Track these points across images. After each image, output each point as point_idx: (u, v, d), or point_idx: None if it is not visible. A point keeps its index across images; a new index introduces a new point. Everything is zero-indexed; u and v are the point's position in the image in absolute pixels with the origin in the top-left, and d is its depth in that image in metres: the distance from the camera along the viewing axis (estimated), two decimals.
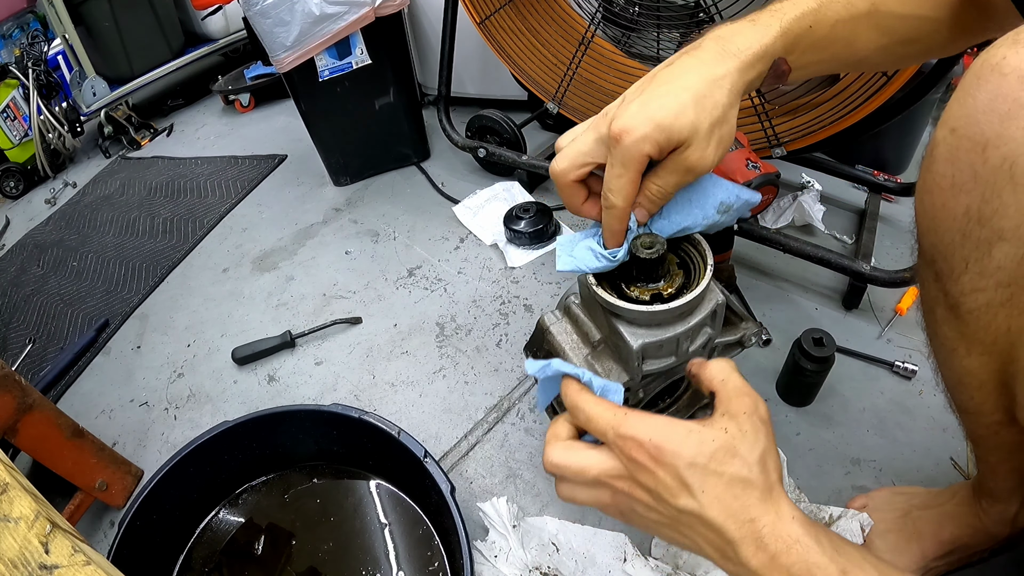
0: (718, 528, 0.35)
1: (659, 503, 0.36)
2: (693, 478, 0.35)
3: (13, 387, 0.68)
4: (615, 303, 0.46)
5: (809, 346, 0.72)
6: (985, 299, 0.38)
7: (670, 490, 0.35)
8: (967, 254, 0.37)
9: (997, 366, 0.41)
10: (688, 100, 0.40)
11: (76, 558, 0.35)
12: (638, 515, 0.39)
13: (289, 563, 0.70)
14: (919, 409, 0.76)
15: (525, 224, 1.09)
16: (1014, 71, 0.32)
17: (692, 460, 0.35)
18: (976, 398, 0.45)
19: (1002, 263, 0.35)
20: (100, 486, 0.77)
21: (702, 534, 0.36)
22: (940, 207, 0.38)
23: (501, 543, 0.67)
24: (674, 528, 0.37)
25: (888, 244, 1.01)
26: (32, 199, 1.85)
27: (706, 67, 0.41)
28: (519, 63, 1.13)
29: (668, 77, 0.41)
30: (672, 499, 0.36)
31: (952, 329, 0.43)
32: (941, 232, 0.39)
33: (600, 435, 0.39)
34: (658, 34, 0.93)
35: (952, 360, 0.44)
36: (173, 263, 1.30)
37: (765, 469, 0.36)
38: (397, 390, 0.91)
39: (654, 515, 0.38)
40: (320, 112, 1.31)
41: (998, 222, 0.34)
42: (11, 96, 1.82)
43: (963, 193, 0.35)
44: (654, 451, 0.35)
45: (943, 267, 0.40)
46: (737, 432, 0.36)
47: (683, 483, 0.35)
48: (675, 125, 0.39)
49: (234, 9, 1.99)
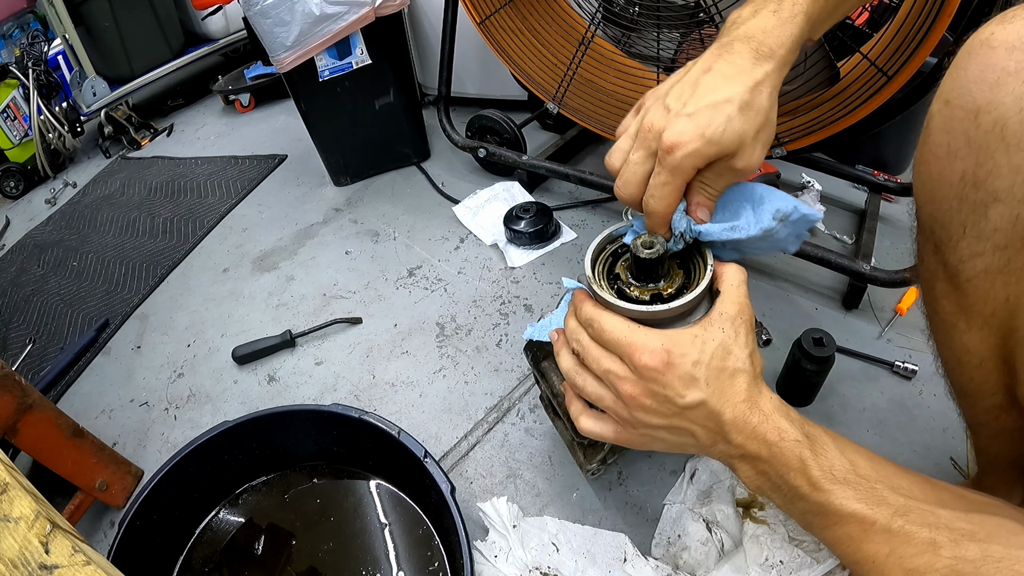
0: (717, 413, 0.41)
1: (663, 404, 0.42)
2: (699, 372, 0.41)
3: (13, 387, 0.68)
4: (616, 303, 0.46)
5: (809, 346, 0.72)
6: (983, 264, 0.39)
7: (676, 389, 0.41)
8: (964, 218, 0.38)
9: (996, 340, 0.42)
10: (735, 112, 0.40)
11: (76, 558, 0.35)
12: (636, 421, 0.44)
13: (289, 563, 0.70)
14: (919, 409, 0.76)
15: (525, 224, 1.09)
16: (1001, 44, 0.34)
17: (697, 359, 0.41)
18: (976, 378, 0.46)
19: (998, 224, 0.37)
20: (100, 486, 0.77)
21: (701, 423, 0.42)
22: (937, 175, 0.39)
23: (501, 543, 0.67)
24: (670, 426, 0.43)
25: (888, 244, 1.01)
26: (32, 199, 1.85)
27: (746, 73, 0.41)
28: (519, 63, 1.13)
29: (712, 85, 0.41)
30: (679, 398, 0.41)
31: (952, 303, 0.44)
32: (939, 200, 0.40)
33: (613, 344, 0.44)
34: (658, 34, 0.93)
35: (952, 337, 0.45)
36: (173, 263, 1.30)
37: (752, 362, 0.42)
38: (397, 390, 0.91)
39: (655, 418, 0.43)
40: (320, 112, 1.31)
41: (992, 183, 0.35)
42: (11, 96, 1.82)
43: (958, 159, 0.37)
44: (664, 355, 0.41)
45: (942, 235, 0.41)
46: (732, 332, 0.42)
47: (692, 378, 0.41)
48: (724, 139, 0.40)
49: (234, 9, 1.99)
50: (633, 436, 0.47)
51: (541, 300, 1.01)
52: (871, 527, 0.36)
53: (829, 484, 0.38)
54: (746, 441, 0.41)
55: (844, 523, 0.37)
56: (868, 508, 0.37)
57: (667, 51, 0.95)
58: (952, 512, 0.35)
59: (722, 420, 0.41)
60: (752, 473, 0.42)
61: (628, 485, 0.73)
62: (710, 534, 0.65)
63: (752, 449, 0.41)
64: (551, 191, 1.27)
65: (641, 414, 0.44)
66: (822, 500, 0.38)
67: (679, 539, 0.65)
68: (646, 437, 0.46)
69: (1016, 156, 0.34)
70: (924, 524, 0.35)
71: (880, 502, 0.37)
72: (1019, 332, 0.39)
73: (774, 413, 0.41)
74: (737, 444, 0.41)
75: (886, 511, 0.36)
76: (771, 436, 0.40)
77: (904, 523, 0.35)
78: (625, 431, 0.47)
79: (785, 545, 0.61)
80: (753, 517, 0.64)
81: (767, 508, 0.64)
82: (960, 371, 0.47)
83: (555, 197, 1.24)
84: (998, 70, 0.34)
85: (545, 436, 0.80)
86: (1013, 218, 0.36)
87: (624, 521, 0.69)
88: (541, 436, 0.80)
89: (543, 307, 1.00)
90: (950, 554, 0.33)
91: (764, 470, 0.41)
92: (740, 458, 0.42)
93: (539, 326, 0.55)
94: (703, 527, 0.65)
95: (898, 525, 0.35)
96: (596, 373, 0.46)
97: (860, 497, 0.37)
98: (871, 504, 0.37)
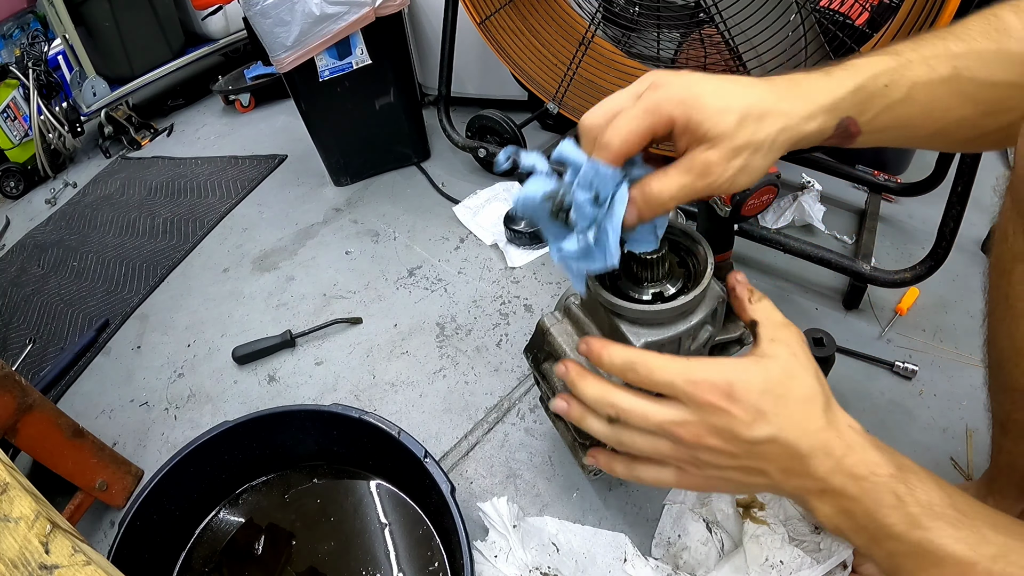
0: (792, 446, 0.37)
1: (730, 442, 0.38)
2: (767, 404, 0.37)
3: (13, 387, 0.68)
4: (617, 302, 0.46)
5: (809, 346, 0.72)
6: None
7: (745, 423, 0.37)
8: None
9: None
10: (739, 107, 0.37)
11: (76, 558, 0.35)
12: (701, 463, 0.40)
13: (289, 563, 0.70)
14: (919, 409, 0.76)
15: (525, 224, 1.09)
16: None
17: (763, 388, 0.37)
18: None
19: None
20: (100, 486, 0.77)
21: (774, 459, 0.38)
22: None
23: (501, 543, 0.67)
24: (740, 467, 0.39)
25: (888, 244, 1.01)
26: (32, 199, 1.85)
27: (769, 97, 0.38)
28: (519, 63, 1.13)
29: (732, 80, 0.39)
30: (747, 432, 0.37)
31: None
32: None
33: (666, 387, 0.39)
34: (658, 34, 0.93)
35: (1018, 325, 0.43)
36: (173, 263, 1.30)
37: (821, 384, 0.39)
38: (397, 390, 0.91)
39: (722, 459, 0.39)
40: (320, 112, 1.31)
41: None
42: (11, 96, 1.82)
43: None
44: (727, 388, 0.37)
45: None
46: (791, 356, 0.39)
47: (759, 411, 0.37)
48: (713, 118, 0.36)
49: (234, 9, 1.99)
50: (698, 480, 0.42)
51: (541, 300, 1.01)
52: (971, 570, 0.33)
53: (929, 521, 0.35)
54: (829, 475, 0.37)
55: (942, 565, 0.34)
56: (970, 548, 0.34)
57: (667, 51, 0.95)
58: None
59: (799, 453, 0.37)
60: (832, 511, 0.38)
61: (628, 485, 0.72)
62: (710, 534, 0.65)
63: (836, 484, 0.37)
64: None
65: (707, 455, 0.39)
66: (920, 539, 0.35)
67: (679, 539, 0.65)
68: (713, 480, 0.42)
69: None
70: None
71: (982, 542, 0.34)
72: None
73: (861, 443, 0.38)
74: (819, 478, 0.37)
75: (988, 552, 0.33)
76: (860, 470, 0.37)
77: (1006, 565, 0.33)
78: (688, 476, 0.42)
79: (785, 545, 0.61)
80: (753, 517, 0.64)
81: (767, 508, 0.64)
82: (1015, 362, 0.45)
83: None
84: None
85: (545, 436, 0.80)
86: None
87: (624, 521, 0.69)
88: (541, 436, 0.80)
89: (543, 307, 1.00)
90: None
91: (848, 508, 0.37)
92: (819, 494, 0.38)
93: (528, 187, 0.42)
94: (703, 527, 0.65)
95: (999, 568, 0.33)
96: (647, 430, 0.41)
97: (960, 536, 0.34)
98: (973, 544, 0.34)
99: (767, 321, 0.42)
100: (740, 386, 0.37)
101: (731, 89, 0.38)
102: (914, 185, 1.00)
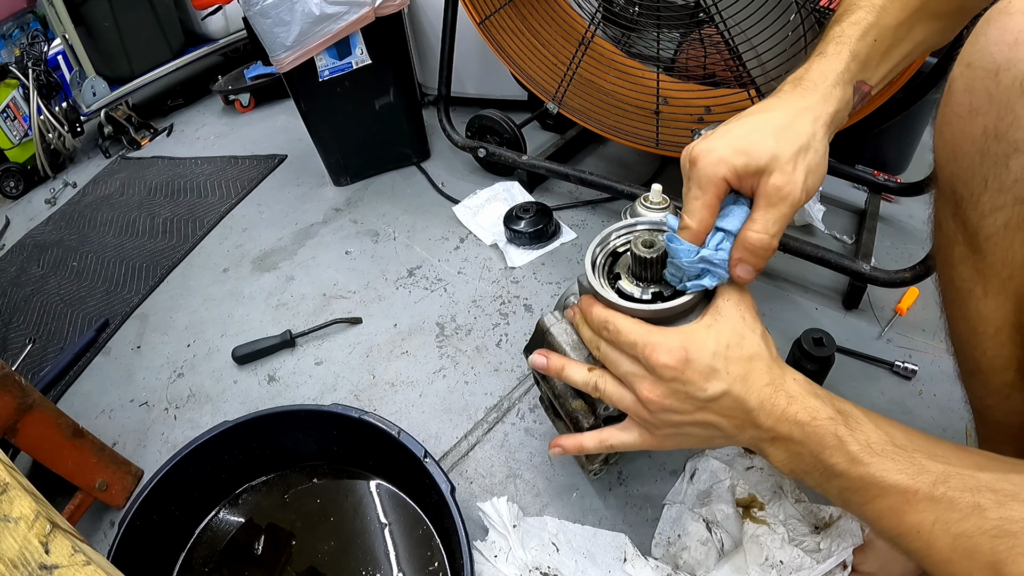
0: (742, 399, 0.42)
1: (685, 401, 0.43)
2: (719, 363, 0.42)
3: (13, 387, 0.68)
4: (618, 302, 0.46)
5: (809, 346, 0.72)
6: (1003, 219, 0.40)
7: (697, 384, 0.42)
8: (986, 172, 0.39)
9: (1012, 307, 0.42)
10: (767, 130, 0.41)
11: (76, 558, 0.35)
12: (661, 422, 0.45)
13: (289, 563, 0.70)
14: (919, 409, 0.76)
15: (525, 224, 1.09)
16: (1019, 11, 0.37)
17: (715, 350, 0.42)
18: (989, 351, 0.46)
19: (1019, 175, 0.38)
20: (100, 486, 0.76)
21: (727, 412, 0.42)
22: (959, 133, 0.40)
23: (501, 543, 0.67)
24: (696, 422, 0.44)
25: (888, 244, 1.01)
26: (32, 199, 1.85)
27: (786, 103, 0.42)
28: (519, 63, 1.13)
29: (748, 113, 0.43)
30: (700, 392, 0.42)
31: (969, 267, 0.44)
32: (961, 157, 0.41)
33: (629, 346, 0.44)
34: (658, 34, 0.93)
35: (967, 305, 0.45)
36: (173, 263, 1.30)
37: (767, 344, 0.43)
38: (397, 390, 0.91)
39: (677, 415, 0.44)
40: (320, 112, 1.31)
41: (1013, 135, 0.37)
42: (11, 96, 1.82)
43: (980, 116, 0.38)
44: (682, 352, 0.42)
45: (963, 192, 0.42)
46: (740, 319, 0.43)
47: (712, 369, 0.41)
48: (753, 150, 0.41)
49: (234, 9, 1.99)
50: (660, 438, 0.47)
51: (541, 300, 1.01)
52: (914, 497, 0.36)
53: (868, 457, 0.38)
54: (776, 424, 0.41)
55: (886, 496, 0.37)
56: (909, 478, 0.36)
57: (667, 51, 0.95)
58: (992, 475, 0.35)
59: (748, 407, 0.42)
60: (784, 456, 0.42)
61: (628, 485, 0.73)
62: (710, 534, 0.65)
63: (783, 431, 0.41)
64: (551, 191, 1.27)
65: (664, 415, 0.44)
66: (862, 474, 0.38)
67: (679, 539, 0.65)
68: (673, 436, 0.46)
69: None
70: (966, 489, 0.34)
71: (921, 471, 0.36)
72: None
73: (802, 393, 0.42)
74: (767, 428, 0.41)
75: (927, 479, 0.35)
76: (802, 416, 0.40)
77: (946, 490, 0.35)
78: (651, 434, 0.47)
79: (785, 545, 0.61)
80: (753, 517, 0.64)
81: (767, 508, 0.64)
82: (974, 343, 0.47)
83: (555, 197, 1.24)
84: (1016, 31, 0.36)
85: (545, 436, 0.80)
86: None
87: (624, 521, 0.69)
88: (541, 436, 0.80)
89: (543, 307, 1.00)
90: (996, 515, 0.32)
91: (797, 451, 0.41)
92: (771, 441, 0.42)
93: None
94: (703, 527, 0.65)
95: (940, 492, 0.35)
96: (616, 375, 0.47)
97: (900, 468, 0.37)
98: (912, 474, 0.36)
99: (724, 286, 0.45)
100: (693, 348, 0.42)
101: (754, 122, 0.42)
102: (914, 185, 1.00)
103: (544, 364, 0.52)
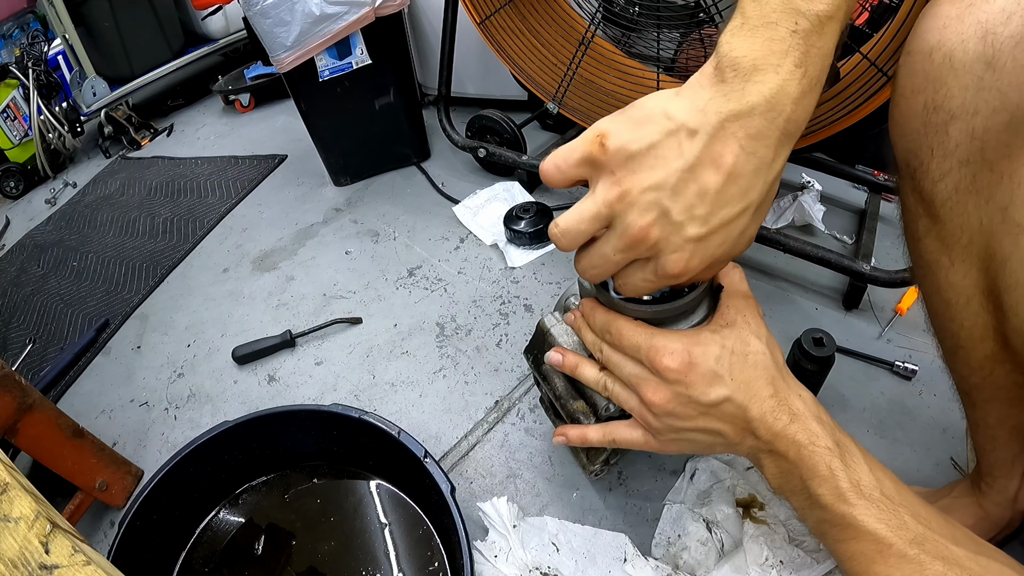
0: (743, 408, 0.41)
1: (687, 406, 0.43)
2: (722, 368, 0.42)
3: (13, 387, 0.68)
4: (618, 302, 0.46)
5: (809, 346, 0.72)
6: (953, 183, 0.41)
7: (700, 388, 0.42)
8: (931, 141, 0.42)
9: (979, 273, 0.43)
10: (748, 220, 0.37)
11: (76, 558, 0.35)
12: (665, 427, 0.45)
13: (289, 563, 0.70)
14: (919, 409, 0.76)
15: (525, 224, 1.09)
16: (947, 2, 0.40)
17: (719, 355, 0.42)
18: (966, 322, 0.46)
19: (959, 140, 0.40)
20: (100, 486, 0.76)
21: (729, 419, 0.42)
22: (906, 111, 0.43)
23: (501, 543, 0.67)
24: (698, 428, 0.44)
25: (888, 244, 1.01)
26: (32, 199, 1.85)
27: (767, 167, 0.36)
28: (519, 63, 1.13)
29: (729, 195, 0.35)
30: (703, 396, 0.42)
31: (933, 239, 0.45)
32: (909, 133, 0.43)
33: (632, 350, 0.44)
34: (658, 34, 0.93)
35: (938, 278, 0.46)
36: (173, 263, 1.30)
37: (772, 351, 0.43)
38: (397, 390, 0.91)
39: (680, 421, 0.44)
40: (320, 112, 1.31)
41: (948, 104, 0.40)
42: (11, 96, 1.82)
43: (920, 93, 0.41)
44: (685, 355, 0.42)
45: (915, 163, 0.43)
46: (745, 326, 0.43)
47: (715, 375, 0.41)
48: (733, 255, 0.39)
49: (234, 9, 1.99)
50: (663, 443, 0.47)
51: (541, 300, 1.01)
52: (888, 549, 0.36)
53: (855, 498, 0.38)
54: (774, 439, 0.41)
55: (861, 540, 0.37)
56: (888, 530, 0.37)
57: (667, 51, 0.95)
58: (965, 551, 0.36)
59: (749, 415, 0.42)
60: (776, 471, 0.42)
61: (628, 485, 0.73)
62: (710, 534, 0.65)
63: (780, 448, 0.41)
64: (551, 191, 1.27)
65: (668, 419, 0.44)
66: (844, 513, 0.38)
67: (679, 539, 0.65)
68: (676, 442, 0.46)
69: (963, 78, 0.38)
70: (938, 556, 0.35)
71: (901, 526, 0.37)
72: (997, 258, 0.41)
73: (806, 414, 0.41)
74: (765, 440, 0.42)
75: (905, 536, 0.36)
76: (801, 438, 0.40)
77: (919, 552, 0.35)
78: (654, 438, 0.47)
79: (785, 545, 0.61)
80: (753, 517, 0.64)
81: (767, 508, 0.64)
82: (950, 315, 0.47)
83: (555, 197, 1.24)
84: (944, 17, 0.39)
85: (545, 436, 0.80)
86: (969, 131, 0.39)
87: (624, 521, 0.69)
88: (541, 436, 0.80)
89: (543, 307, 1.00)
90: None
91: (788, 470, 0.41)
92: (768, 454, 0.42)
93: None
94: (703, 527, 0.65)
95: (914, 553, 0.35)
96: (620, 378, 0.47)
97: (882, 517, 0.37)
98: (892, 527, 0.37)
99: (731, 289, 0.45)
100: (697, 352, 0.42)
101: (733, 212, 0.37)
102: None
103: (560, 361, 0.53)
